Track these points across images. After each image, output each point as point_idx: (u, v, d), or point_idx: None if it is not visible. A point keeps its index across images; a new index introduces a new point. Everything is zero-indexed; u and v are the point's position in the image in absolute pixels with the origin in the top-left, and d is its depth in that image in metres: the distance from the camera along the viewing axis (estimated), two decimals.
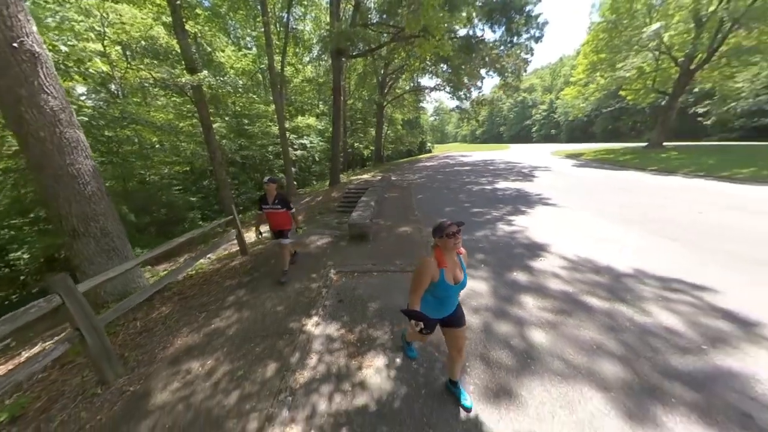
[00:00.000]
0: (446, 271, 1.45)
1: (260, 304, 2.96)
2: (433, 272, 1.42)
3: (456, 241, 1.42)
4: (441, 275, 1.43)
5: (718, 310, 2.50)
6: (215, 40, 14.22)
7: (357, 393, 1.82)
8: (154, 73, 7.98)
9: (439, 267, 1.43)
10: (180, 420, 1.68)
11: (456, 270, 1.50)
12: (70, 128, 2.82)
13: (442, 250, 1.45)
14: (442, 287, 1.45)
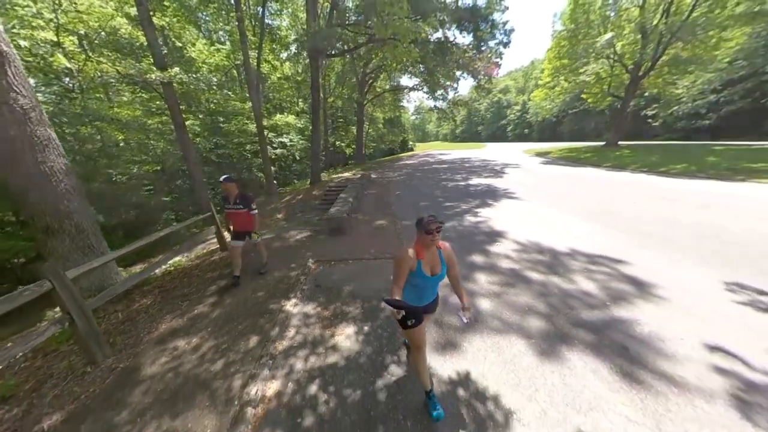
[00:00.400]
0: (424, 262, 1.52)
1: (241, 292, 3.18)
2: (411, 263, 1.50)
3: (433, 237, 1.49)
4: (418, 266, 1.51)
5: (626, 277, 3.11)
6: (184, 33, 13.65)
7: (329, 354, 2.15)
8: (119, 68, 7.65)
9: (416, 258, 1.51)
10: (171, 385, 1.91)
11: (434, 262, 1.57)
12: (40, 126, 2.85)
13: (421, 244, 1.53)
14: (419, 276, 1.52)
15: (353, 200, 6.50)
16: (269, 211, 8.99)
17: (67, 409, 1.79)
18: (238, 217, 3.29)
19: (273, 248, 4.56)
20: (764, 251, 3.55)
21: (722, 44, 14.72)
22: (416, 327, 1.59)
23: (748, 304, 2.54)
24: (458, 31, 10.17)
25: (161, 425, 1.63)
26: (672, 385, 1.78)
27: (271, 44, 16.34)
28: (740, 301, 2.60)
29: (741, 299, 2.62)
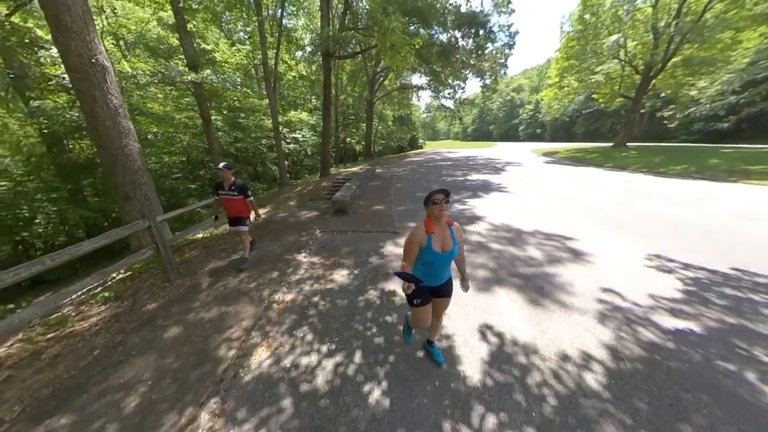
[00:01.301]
0: (434, 237, 1.50)
1: (263, 248, 4.13)
2: (420, 238, 1.50)
3: (441, 208, 1.47)
4: (428, 241, 1.49)
5: (569, 248, 3.84)
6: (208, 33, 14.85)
7: (327, 283, 3.04)
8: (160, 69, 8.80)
9: (426, 233, 1.51)
10: (223, 293, 2.86)
11: (445, 239, 1.54)
12: (124, 119, 3.88)
13: (431, 218, 1.53)
14: (428, 252, 1.50)
15: (356, 188, 7.38)
16: (283, 199, 10.01)
17: (158, 302, 2.77)
18: (234, 204, 3.31)
19: (287, 223, 5.52)
20: (695, 234, 4.17)
21: (736, 45, 14.52)
22: (422, 306, 1.60)
23: (655, 267, 3.24)
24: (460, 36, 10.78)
25: (220, 309, 2.58)
26: (561, 307, 2.55)
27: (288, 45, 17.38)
28: (650, 265, 3.30)
29: (652, 264, 3.32)
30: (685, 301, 2.58)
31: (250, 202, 3.42)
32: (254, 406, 1.64)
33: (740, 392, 1.66)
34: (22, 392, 1.79)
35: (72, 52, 3.31)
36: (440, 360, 1.90)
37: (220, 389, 1.73)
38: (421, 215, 5.54)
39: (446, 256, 1.54)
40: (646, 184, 8.50)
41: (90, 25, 3.43)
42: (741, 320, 2.30)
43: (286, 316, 2.49)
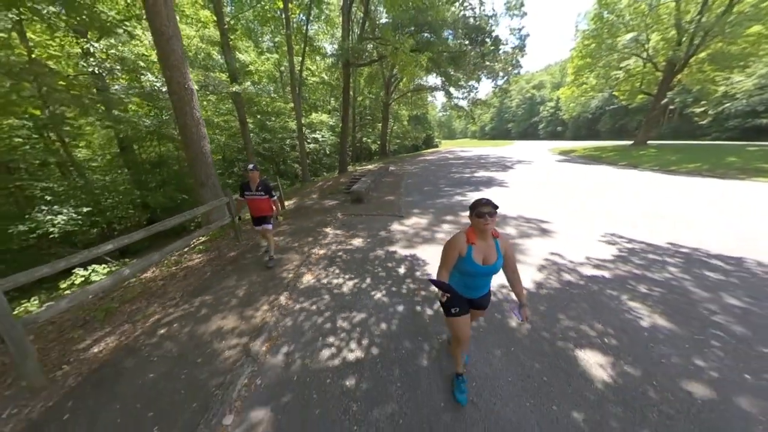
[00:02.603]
0: (475, 248, 1.42)
1: (299, 224, 5.39)
2: (460, 246, 1.43)
3: (486, 223, 1.37)
4: (468, 251, 1.42)
5: (541, 228, 4.72)
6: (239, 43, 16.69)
7: (348, 245, 4.21)
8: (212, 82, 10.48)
9: (467, 242, 1.43)
10: (276, 249, 4.13)
11: (488, 252, 1.45)
12: (202, 127, 5.30)
13: (474, 228, 1.44)
14: (468, 264, 1.42)
15: (371, 182, 8.54)
16: (306, 193, 11.42)
17: (235, 252, 4.08)
18: (259, 203, 3.41)
19: (314, 208, 6.79)
20: (656, 219, 4.88)
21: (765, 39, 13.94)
22: (459, 317, 1.52)
23: (604, 241, 4.07)
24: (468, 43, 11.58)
25: (279, 256, 3.83)
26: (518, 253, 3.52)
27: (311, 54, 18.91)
28: (601, 240, 4.13)
29: (603, 239, 4.15)
30: (611, 261, 3.45)
31: (274, 201, 3.50)
32: (307, 298, 2.84)
33: (609, 303, 2.60)
34: (176, 289, 3.12)
35: (173, 80, 4.73)
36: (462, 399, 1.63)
37: (287, 290, 2.94)
38: (425, 205, 6.60)
39: (488, 270, 1.45)
40: (644, 181, 8.90)
41: (185, 62, 4.84)
42: (645, 272, 3.16)
43: (321, 262, 3.68)
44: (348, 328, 2.38)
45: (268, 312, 2.60)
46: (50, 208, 5.24)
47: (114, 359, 2.10)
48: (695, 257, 3.49)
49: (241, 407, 1.69)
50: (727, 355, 1.94)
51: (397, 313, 2.57)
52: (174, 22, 4.62)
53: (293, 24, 16.46)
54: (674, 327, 2.26)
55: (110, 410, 1.69)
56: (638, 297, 2.69)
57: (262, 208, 3.45)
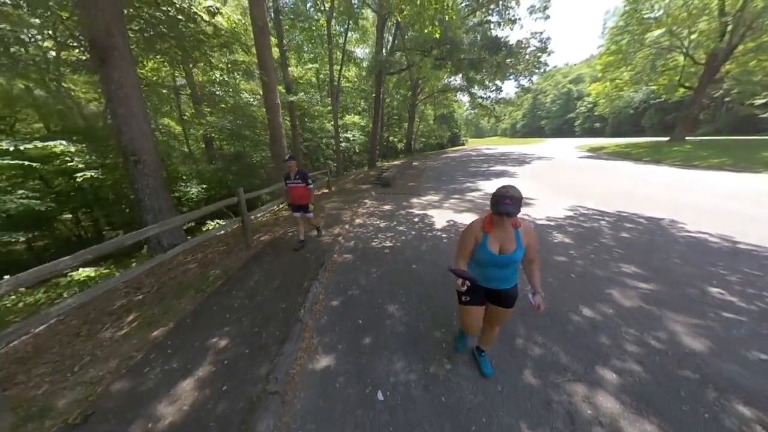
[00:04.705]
0: (491, 236, 1.38)
1: (344, 197, 7.53)
2: (476, 233, 1.41)
3: (505, 221, 1.33)
4: (484, 239, 1.38)
5: (526, 202, 6.23)
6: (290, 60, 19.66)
7: (380, 208, 6.20)
8: None
9: (483, 230, 1.40)
10: (334, 207, 6.26)
11: (506, 240, 1.38)
12: (281, 129, 7.69)
13: (491, 217, 1.39)
14: (483, 252, 1.39)
15: (397, 172, 10.49)
16: (342, 183, 13.73)
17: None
18: (297, 191, 3.70)
19: (353, 190, 8.90)
20: (622, 198, 6.10)
21: None
22: (471, 306, 1.49)
23: (566, 209, 5.51)
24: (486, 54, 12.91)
25: (338, 211, 5.95)
26: None
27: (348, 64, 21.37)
28: (565, 208, 5.58)
29: (567, 208, 5.59)
30: (561, 218, 4.96)
31: (310, 189, 3.72)
32: (359, 227, 4.88)
33: (542, 234, 4.22)
34: (288, 223, 5.37)
35: (269, 99, 7.13)
36: (487, 371, 1.70)
37: (350, 222, 5.02)
38: (439, 188, 8.35)
39: (504, 259, 1.37)
40: (656, 175, 9.61)
41: (275, 86, 7.22)
42: (581, 222, 4.64)
43: (364, 215, 5.72)
44: (383, 237, 4.36)
45: (340, 230, 4.68)
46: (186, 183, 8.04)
47: (272, 240, 4.31)
48: (627, 217, 4.85)
49: (339, 252, 3.76)
50: (597, 255, 3.51)
51: (410, 234, 4.48)
52: (271, 61, 7.00)
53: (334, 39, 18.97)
54: (572, 242, 3.85)
55: (277, 260, 3.84)
56: (563, 232, 4.26)
57: (300, 195, 3.76)
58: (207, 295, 2.83)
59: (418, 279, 3.05)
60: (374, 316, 2.43)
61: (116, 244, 2.35)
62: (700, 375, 1.71)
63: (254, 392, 1.63)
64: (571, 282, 2.87)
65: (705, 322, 2.19)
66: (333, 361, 1.93)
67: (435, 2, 5.06)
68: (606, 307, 2.42)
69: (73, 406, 1.64)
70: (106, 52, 3.47)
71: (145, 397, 1.65)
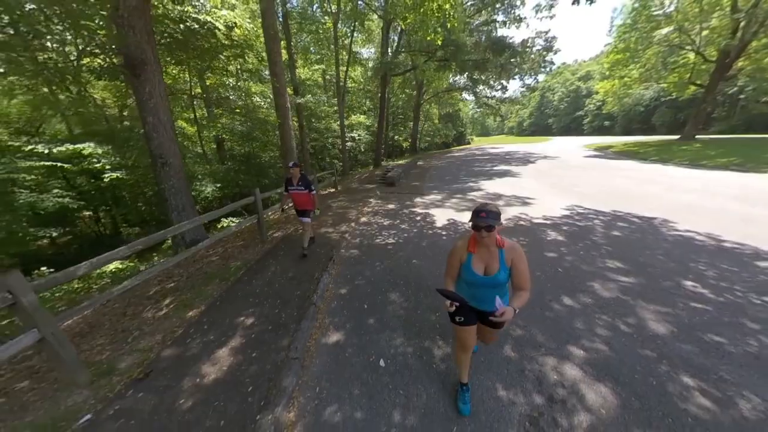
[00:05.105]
0: (475, 257, 1.38)
1: (350, 196, 7.87)
2: (461, 253, 1.42)
3: (482, 236, 1.30)
4: (468, 259, 1.39)
5: (524, 202, 6.47)
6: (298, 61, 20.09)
7: (384, 207, 6.53)
8: None
9: (467, 250, 1.40)
10: (340, 206, 6.61)
11: (490, 261, 1.36)
12: (290, 131, 8.08)
13: (474, 236, 1.37)
14: (467, 272, 1.40)
15: (402, 172, 10.78)
16: (347, 182, 14.10)
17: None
18: (300, 197, 3.69)
19: (358, 189, 9.25)
20: (618, 198, 6.27)
21: None
22: (465, 326, 1.48)
23: (564, 208, 5.73)
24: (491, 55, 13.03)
25: (345, 210, 6.30)
26: None
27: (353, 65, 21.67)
28: (562, 207, 5.79)
29: (564, 207, 5.80)
30: (558, 217, 5.18)
31: (313, 195, 3.72)
32: (364, 225, 5.21)
33: (535, 232, 4.47)
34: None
35: (279, 103, 7.51)
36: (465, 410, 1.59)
37: (355, 220, 5.36)
38: (442, 188, 8.61)
39: (488, 280, 1.35)
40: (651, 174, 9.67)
41: (285, 90, 7.60)
42: (575, 221, 4.87)
43: (369, 213, 6.05)
44: (386, 234, 4.69)
45: (347, 227, 5.03)
46: (202, 182, 8.52)
47: (284, 237, 4.69)
48: (621, 216, 5.05)
49: (346, 248, 4.10)
50: (586, 252, 3.76)
51: (412, 232, 4.79)
52: (281, 66, 7.37)
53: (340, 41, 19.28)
54: (565, 240, 4.10)
55: (290, 254, 4.20)
56: (557, 230, 4.50)
57: (303, 202, 3.73)
58: (231, 283, 3.21)
59: (418, 272, 3.37)
60: (378, 302, 2.76)
61: (157, 239, 2.74)
62: (657, 354, 1.98)
63: (278, 358, 1.99)
64: (557, 275, 3.15)
65: (673, 311, 2.45)
66: (342, 337, 2.27)
67: (437, 11, 5.32)
68: (585, 297, 2.69)
69: (133, 367, 2.03)
70: (139, 67, 3.87)
71: (191, 360, 2.03)
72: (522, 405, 1.64)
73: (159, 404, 1.68)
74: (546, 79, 63.27)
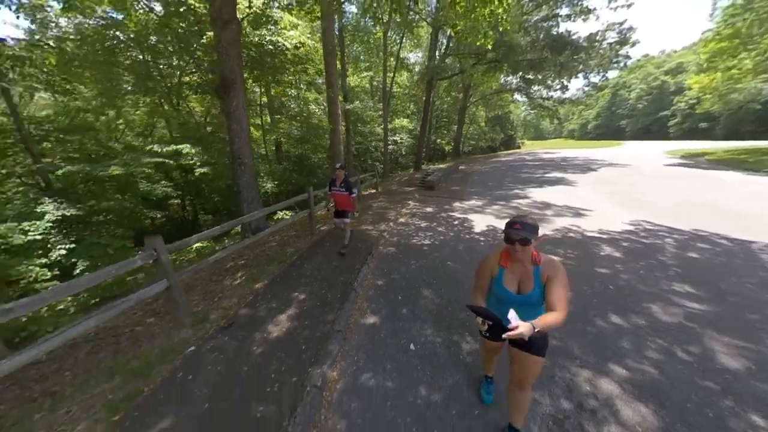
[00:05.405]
0: (507, 272, 1.28)
1: (389, 198, 8.21)
2: (491, 266, 1.32)
3: (515, 249, 1.18)
4: (499, 274, 1.29)
5: (577, 213, 5.92)
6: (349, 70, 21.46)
7: (423, 210, 6.69)
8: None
9: (499, 264, 1.30)
10: (381, 206, 6.99)
11: (524, 278, 1.25)
12: (340, 135, 8.81)
13: (507, 249, 1.26)
14: (498, 288, 1.30)
15: (442, 176, 10.74)
16: (387, 184, 14.54)
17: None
18: (341, 198, 3.85)
19: (397, 191, 9.55)
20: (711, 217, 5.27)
21: None
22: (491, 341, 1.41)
23: (628, 224, 5.09)
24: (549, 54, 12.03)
25: (385, 209, 6.67)
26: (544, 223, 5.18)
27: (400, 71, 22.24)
28: (626, 222, 5.15)
29: (628, 222, 5.15)
30: (618, 232, 4.65)
31: (353, 198, 3.83)
32: (402, 225, 5.46)
33: (588, 245, 4.12)
34: None
35: (332, 111, 8.30)
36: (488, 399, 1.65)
37: (394, 220, 5.66)
38: (484, 194, 8.37)
39: (521, 299, 1.23)
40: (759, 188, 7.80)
41: (338, 98, 8.36)
42: (641, 239, 4.31)
43: (407, 215, 6.28)
44: (423, 235, 4.86)
45: (386, 227, 5.36)
46: (264, 180, 9.88)
47: (330, 231, 5.23)
48: (705, 237, 4.29)
49: (384, 245, 4.42)
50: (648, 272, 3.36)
51: (449, 235, 4.87)
52: (336, 77, 8.14)
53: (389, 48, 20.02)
54: (622, 257, 3.71)
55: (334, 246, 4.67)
56: (614, 246, 4.08)
57: (343, 203, 3.90)
58: (287, 266, 3.78)
59: (452, 274, 3.47)
60: (411, 296, 2.98)
61: (236, 223, 3.44)
62: (722, 387, 1.78)
63: (325, 329, 2.37)
64: (606, 292, 2.92)
65: (756, 347, 2.11)
66: (378, 320, 2.55)
67: (488, 17, 5.28)
68: (639, 319, 2.48)
69: (219, 318, 2.63)
70: (229, 85, 4.82)
71: (260, 320, 2.54)
72: (547, 406, 1.68)
73: (239, 347, 2.19)
74: (621, 75, 54.98)
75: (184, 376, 1.93)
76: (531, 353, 1.27)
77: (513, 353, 1.34)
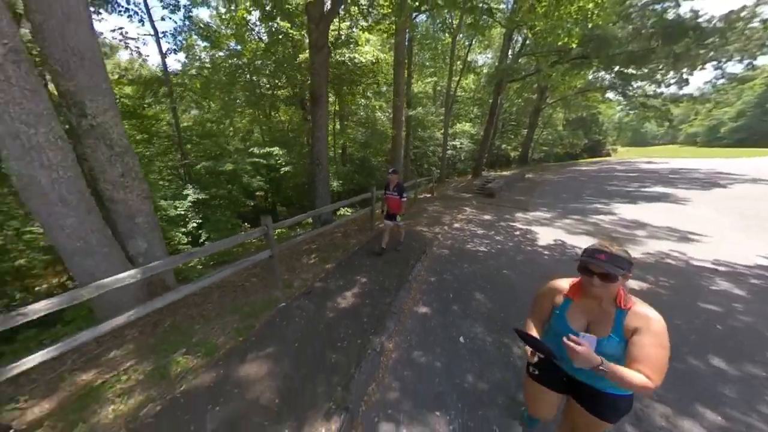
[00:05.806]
0: (574, 305, 1.04)
1: (445, 203, 8.22)
2: (555, 295, 1.10)
3: (594, 283, 0.94)
4: (564, 305, 1.05)
5: (684, 237, 4.82)
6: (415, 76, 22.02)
7: (480, 217, 6.52)
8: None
9: (565, 295, 1.07)
10: (436, 210, 7.12)
11: (598, 319, 0.99)
12: (401, 140, 9.28)
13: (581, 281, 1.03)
14: (558, 322, 1.05)
15: (504, 183, 10.09)
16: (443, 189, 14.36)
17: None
18: (392, 202, 4.04)
19: (454, 197, 9.44)
20: None
21: None
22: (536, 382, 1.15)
23: (763, 257, 3.91)
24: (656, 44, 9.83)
25: (440, 214, 6.79)
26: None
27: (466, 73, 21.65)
28: (760, 255, 3.96)
29: (764, 255, 3.94)
30: (745, 266, 3.63)
31: (403, 202, 4.02)
32: (457, 230, 5.50)
33: (695, 277, 3.38)
34: None
35: (396, 118, 8.85)
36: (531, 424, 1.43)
37: (449, 224, 5.75)
38: (555, 206, 7.55)
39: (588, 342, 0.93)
40: None
41: (403, 106, 8.86)
42: None
43: (462, 221, 6.25)
44: (478, 242, 4.81)
45: (440, 230, 5.50)
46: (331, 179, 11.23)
47: None
48: None
49: (438, 247, 4.59)
50: None
51: (507, 244, 4.68)
52: (403, 86, 8.66)
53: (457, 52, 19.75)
54: (744, 295, 2.95)
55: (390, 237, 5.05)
56: (734, 281, 3.24)
57: (393, 206, 4.07)
58: (350, 254, 4.36)
59: (507, 282, 3.41)
60: (462, 296, 3.09)
61: (315, 213, 4.20)
62: None
63: (383, 309, 2.74)
64: (711, 332, 2.43)
65: None
66: (429, 311, 2.78)
67: (575, 13, 4.84)
68: (752, 367, 2.02)
69: (301, 287, 3.30)
70: (317, 100, 5.80)
71: (331, 292, 3.10)
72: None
73: (316, 310, 2.76)
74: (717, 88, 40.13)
75: (279, 322, 2.57)
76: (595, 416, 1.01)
77: (572, 408, 1.09)
